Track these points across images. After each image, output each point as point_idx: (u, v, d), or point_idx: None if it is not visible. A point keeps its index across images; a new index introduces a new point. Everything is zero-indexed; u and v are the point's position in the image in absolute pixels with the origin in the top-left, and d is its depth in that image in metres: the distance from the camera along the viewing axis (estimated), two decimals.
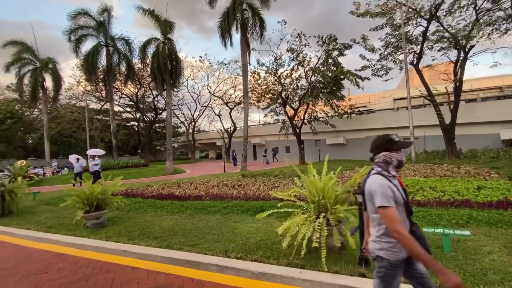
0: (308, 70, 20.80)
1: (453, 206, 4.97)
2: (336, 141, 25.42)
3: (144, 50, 20.41)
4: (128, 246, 4.29)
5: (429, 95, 14.83)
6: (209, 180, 10.19)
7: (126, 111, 38.48)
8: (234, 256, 3.52)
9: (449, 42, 14.56)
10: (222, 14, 18.43)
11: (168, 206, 6.69)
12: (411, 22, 15.47)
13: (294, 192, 3.85)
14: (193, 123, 38.59)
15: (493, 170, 8.40)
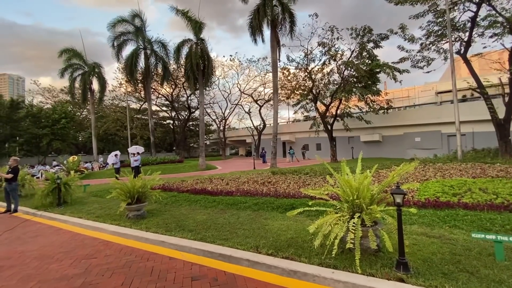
0: (340, 64, 20.06)
1: (507, 210, 4.46)
2: (371, 138, 24.19)
3: (179, 51, 21.32)
4: (166, 237, 4.55)
5: (478, 87, 13.41)
6: (240, 176, 10.38)
7: (163, 110, 40.74)
8: (265, 252, 3.56)
9: (503, 27, 13.00)
10: (252, 11, 18.52)
11: (201, 200, 6.96)
12: (458, 7, 14.08)
13: (326, 190, 3.76)
14: (224, 121, 39.51)
15: None
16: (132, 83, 28.36)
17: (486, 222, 4.05)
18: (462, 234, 3.77)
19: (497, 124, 12.89)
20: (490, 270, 2.76)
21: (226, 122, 40.27)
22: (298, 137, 32.80)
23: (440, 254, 3.20)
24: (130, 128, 31.97)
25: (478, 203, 4.84)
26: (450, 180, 6.86)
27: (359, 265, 2.78)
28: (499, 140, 12.88)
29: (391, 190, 2.99)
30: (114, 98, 37.24)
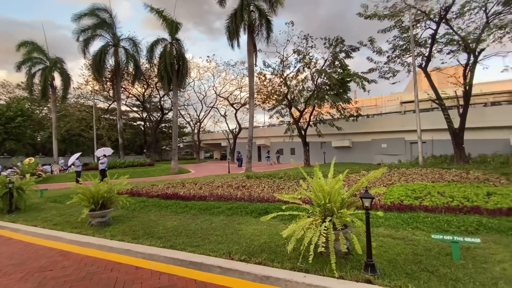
0: (314, 72, 20.73)
1: (462, 213, 4.86)
2: (342, 144, 25.23)
3: (152, 50, 20.62)
4: (132, 245, 4.29)
5: (437, 99, 14.60)
6: (214, 180, 10.19)
7: (133, 110, 38.95)
8: (237, 258, 3.49)
9: (459, 45, 14.33)
10: (229, 15, 18.52)
11: (173, 206, 6.70)
12: (420, 25, 15.27)
13: (300, 194, 3.81)
14: (199, 124, 38.80)
15: (503, 176, 8.19)
16: (100, 81, 26.81)
17: (444, 224, 4.36)
18: (423, 235, 4.02)
19: (453, 133, 14.11)
20: (448, 269, 2.96)
21: (201, 125, 39.58)
22: (273, 142, 33.20)
23: (404, 254, 3.37)
24: (97, 129, 30.09)
25: (437, 205, 5.22)
26: (412, 184, 7.33)
27: (335, 269, 2.82)
28: (455, 147, 14.10)
29: (360, 194, 3.10)
30: (79, 96, 34.87)
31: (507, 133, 15.92)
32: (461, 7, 13.57)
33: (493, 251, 3.40)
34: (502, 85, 24.41)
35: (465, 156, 13.80)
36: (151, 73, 30.43)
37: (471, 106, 14.69)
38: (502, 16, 13.35)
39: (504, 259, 3.18)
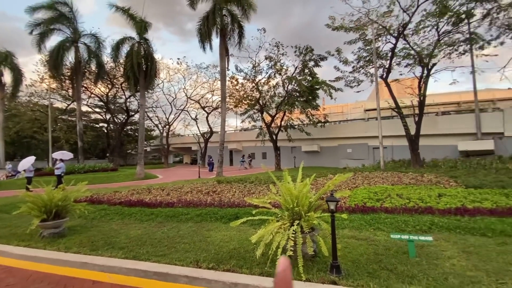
0: (285, 79, 21.26)
1: (417, 213, 5.26)
2: (311, 149, 26.07)
3: (118, 48, 19.58)
4: (90, 258, 3.96)
5: (396, 107, 15.80)
6: (183, 186, 9.87)
7: (95, 111, 36.39)
8: (205, 266, 3.39)
9: (415, 59, 15.71)
10: (201, 17, 18.30)
11: (137, 213, 6.34)
12: (381, 39, 16.50)
13: (269, 199, 3.83)
14: (168, 127, 37.48)
15: (452, 178, 9.07)
16: (58, 79, 24.71)
17: (402, 224, 4.68)
18: (384, 235, 4.27)
19: (410, 139, 15.34)
20: (405, 266, 3.17)
21: (170, 128, 38.27)
22: (245, 146, 33.23)
23: (366, 255, 3.54)
24: (53, 131, 27.60)
25: (396, 207, 5.59)
26: (374, 187, 7.79)
27: (303, 272, 2.86)
28: (411, 152, 15.33)
29: (326, 197, 3.21)
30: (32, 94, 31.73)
31: (455, 140, 17.69)
32: (417, 25, 14.93)
33: (444, 248, 3.72)
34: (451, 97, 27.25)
35: (420, 161, 15.06)
36: (116, 73, 28.81)
37: (425, 115, 16.12)
38: (451, 35, 14.97)
39: (453, 255, 3.49)
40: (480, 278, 2.87)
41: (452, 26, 14.55)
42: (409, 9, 14.40)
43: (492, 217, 4.80)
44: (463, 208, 5.23)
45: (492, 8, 13.43)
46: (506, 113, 16.34)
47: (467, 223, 4.52)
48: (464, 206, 5.36)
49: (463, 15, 13.72)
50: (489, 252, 3.50)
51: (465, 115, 18.58)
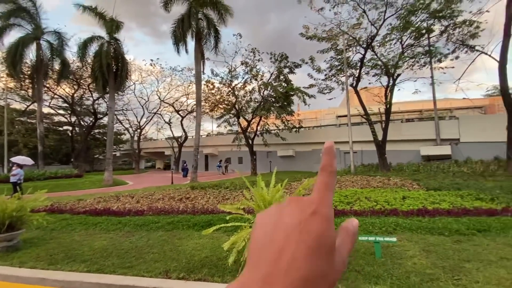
0: (261, 84, 21.50)
1: (383, 215, 5.54)
2: (286, 153, 26.50)
3: (85, 48, 18.52)
4: (48, 273, 3.65)
5: (365, 114, 16.67)
6: (154, 192, 9.49)
7: (59, 113, 33.95)
8: (175, 276, 3.27)
9: (381, 69, 16.76)
10: (176, 20, 17.99)
11: (103, 223, 5.96)
12: (352, 49, 17.41)
13: (242, 204, 3.80)
14: (139, 130, 35.97)
15: (415, 181, 9.71)
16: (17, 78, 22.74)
17: (370, 226, 4.90)
18: None
19: (377, 144, 16.23)
20: (372, 267, 3.31)
21: (141, 132, 36.76)
22: (221, 150, 32.90)
23: None
24: (9, 134, 25.23)
25: (364, 209, 5.85)
26: (345, 191, 8.10)
27: None
28: (379, 157, 16.21)
29: None
30: None
31: (418, 145, 19.02)
32: (383, 37, 15.98)
33: (407, 248, 3.94)
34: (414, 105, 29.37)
35: (387, 165, 15.97)
36: (83, 73, 27.20)
37: (391, 122, 17.18)
38: (413, 48, 16.22)
39: (414, 254, 3.71)
40: (438, 275, 3.08)
41: (414, 40, 15.79)
42: (376, 22, 15.38)
43: (449, 217, 5.20)
44: (424, 209, 5.61)
45: (448, 25, 14.78)
46: (461, 121, 17.94)
47: (427, 224, 4.84)
48: (425, 207, 5.75)
49: (423, 30, 14.95)
50: (446, 250, 3.78)
51: (426, 122, 20.09)
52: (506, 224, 4.61)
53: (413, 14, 14.24)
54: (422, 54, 16.17)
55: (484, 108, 29.86)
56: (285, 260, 0.22)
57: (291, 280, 0.21)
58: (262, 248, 0.24)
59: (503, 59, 11.47)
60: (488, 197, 6.40)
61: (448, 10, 13.92)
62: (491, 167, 13.22)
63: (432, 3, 13.96)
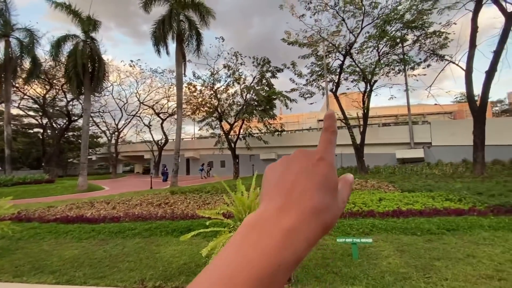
0: (243, 88, 21.54)
1: (361, 216, 5.70)
2: (268, 157, 26.64)
3: (58, 46, 17.64)
4: (12, 286, 3.39)
5: (344, 119, 17.18)
6: (131, 198, 9.16)
7: (29, 115, 31.99)
8: (151, 285, 3.16)
9: (359, 76, 17.39)
10: (157, 21, 17.66)
11: (75, 231, 5.66)
12: (331, 55, 17.93)
13: (222, 209, 3.76)
14: (117, 133, 34.69)
15: (390, 183, 10.11)
16: None
17: (347, 227, 5.02)
18: (331, 239, 4.51)
19: (356, 148, 16.75)
20: (349, 268, 3.38)
21: (119, 135, 35.46)
22: (203, 154, 32.46)
23: (315, 259, 3.70)
24: None
25: (343, 211, 5.98)
26: None
27: None
28: (357, 160, 16.73)
29: None
30: None
31: (393, 149, 19.84)
32: (361, 45, 16.62)
33: (382, 248, 4.08)
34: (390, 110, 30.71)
35: (365, 167, 16.52)
36: (56, 73, 25.88)
37: (369, 126, 17.82)
38: (389, 56, 17.01)
39: (389, 254, 3.84)
40: (410, 274, 3.21)
41: (389, 48, 16.57)
42: (354, 30, 15.97)
43: (421, 217, 5.45)
44: (398, 210, 5.84)
45: (420, 35, 15.66)
46: (433, 126, 18.96)
47: (401, 224, 5.04)
48: (399, 208, 5.99)
49: (398, 39, 15.73)
50: (418, 250, 3.95)
51: (401, 126, 21.03)
52: (472, 223, 4.91)
53: (388, 24, 14.95)
54: (396, 62, 16.99)
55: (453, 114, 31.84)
56: (297, 192, 0.26)
57: (303, 208, 0.25)
58: (275, 186, 0.27)
59: (469, 68, 12.30)
60: (457, 198, 6.78)
61: (420, 21, 14.76)
62: (460, 169, 14.08)
63: (406, 14, 14.75)
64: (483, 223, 4.84)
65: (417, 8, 14.51)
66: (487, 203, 6.13)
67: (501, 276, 3.03)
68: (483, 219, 5.06)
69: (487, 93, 11.84)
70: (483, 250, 3.79)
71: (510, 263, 3.33)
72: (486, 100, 12.12)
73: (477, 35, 11.99)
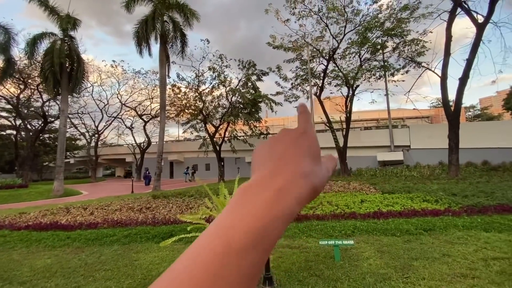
0: (229, 90, 21.48)
1: (343, 218, 5.79)
2: None
3: (34, 44, 16.83)
4: None
5: (328, 122, 17.52)
6: (111, 203, 8.81)
7: (1, 116, 30.18)
8: None
9: (342, 80, 17.83)
10: (140, 20, 17.29)
11: (48, 239, 5.35)
12: (316, 60, 18.30)
13: (204, 214, 3.68)
14: (97, 135, 33.45)
15: (372, 185, 10.38)
16: None
17: (330, 230, 5.08)
18: (314, 242, 4.54)
19: (339, 150, 17.11)
20: (331, 270, 3.40)
21: (100, 137, 34.21)
22: (187, 157, 31.94)
23: (298, 263, 3.70)
24: None
25: (325, 214, 6.06)
26: None
27: None
28: (340, 163, 17.08)
29: None
30: None
31: (375, 151, 20.44)
32: (344, 51, 17.08)
33: (363, 250, 4.14)
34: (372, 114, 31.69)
35: (348, 170, 16.88)
36: (32, 72, 24.64)
37: (351, 130, 18.26)
38: (370, 62, 17.57)
39: (370, 255, 3.91)
40: (390, 274, 3.27)
41: (370, 54, 17.13)
42: (337, 36, 16.39)
43: (400, 218, 5.61)
44: (379, 212, 5.99)
45: (399, 42, 16.31)
46: (412, 130, 19.73)
47: (382, 225, 5.17)
48: (380, 210, 6.15)
49: (378, 46, 16.30)
50: (398, 250, 4.05)
51: (382, 130, 21.73)
52: (447, 223, 5.11)
53: (370, 31, 15.47)
54: (377, 68, 17.60)
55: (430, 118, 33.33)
56: (287, 158, 0.29)
57: (292, 171, 0.27)
58: (265, 157, 0.30)
59: (444, 74, 12.94)
60: (433, 199, 7.06)
61: (399, 29, 15.39)
62: (436, 171, 14.71)
63: (386, 22, 15.34)
64: (457, 223, 5.05)
65: (396, 16, 15.13)
66: (461, 203, 6.42)
67: (474, 274, 3.16)
68: (457, 219, 5.28)
69: (461, 99, 12.49)
70: (458, 249, 3.94)
71: (482, 262, 3.49)
72: (460, 106, 12.77)
73: (451, 43, 12.66)
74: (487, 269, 3.28)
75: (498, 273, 3.15)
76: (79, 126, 33.21)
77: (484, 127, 18.16)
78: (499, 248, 3.90)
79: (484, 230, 4.72)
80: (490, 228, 4.79)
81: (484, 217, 5.37)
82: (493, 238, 4.33)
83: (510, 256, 3.59)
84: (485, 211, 5.72)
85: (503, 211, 5.68)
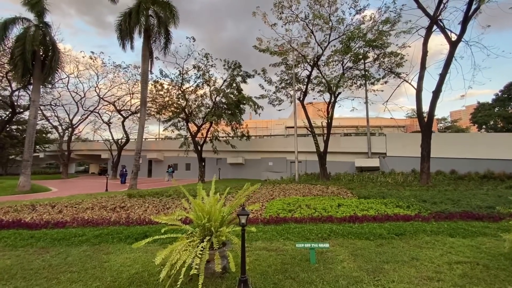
0: (213, 90, 21.27)
1: (321, 222, 5.89)
2: (235, 161, 26.51)
3: (4, 29, 15.72)
4: None
5: (310, 127, 17.84)
6: (82, 201, 8.37)
7: None
8: None
9: (325, 87, 18.25)
10: (123, 13, 16.71)
11: (10, 237, 4.97)
12: (300, 65, 18.60)
13: (180, 215, 3.59)
14: (71, 129, 31.78)
15: (349, 190, 10.66)
16: None
17: (307, 233, 5.14)
18: (291, 244, 4.58)
19: (319, 155, 17.46)
20: (306, 273, 3.44)
21: (74, 131, 32.51)
22: (167, 156, 31.19)
23: (274, 265, 3.70)
24: None
25: (304, 217, 6.13)
26: (288, 199, 8.41)
27: None
28: (320, 167, 17.43)
29: (237, 211, 3.22)
30: None
31: (353, 157, 21.07)
32: (327, 58, 17.50)
33: (338, 253, 4.23)
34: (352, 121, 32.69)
35: (327, 174, 17.26)
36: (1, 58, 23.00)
37: (332, 135, 18.70)
38: (352, 70, 18.14)
39: (344, 258, 4.00)
40: (362, 277, 3.36)
41: (353, 63, 17.69)
42: (322, 44, 16.77)
43: (374, 223, 5.80)
44: (354, 216, 6.16)
45: (380, 53, 16.99)
46: (388, 138, 20.57)
47: (357, 229, 5.31)
48: (356, 214, 6.33)
49: (360, 56, 16.87)
50: (370, 254, 4.17)
51: (360, 137, 22.46)
52: (417, 228, 5.35)
53: (352, 41, 15.98)
54: (358, 77, 18.21)
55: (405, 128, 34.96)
56: None
57: None
58: None
59: (419, 87, 13.63)
60: (405, 205, 7.38)
61: (380, 41, 16.03)
62: (409, 178, 15.41)
63: (368, 33, 15.92)
64: (426, 228, 5.30)
65: (378, 28, 15.76)
66: (430, 210, 6.76)
67: (439, 277, 3.33)
68: (426, 225, 5.56)
69: (433, 111, 13.21)
70: (425, 253, 4.13)
71: (447, 265, 3.68)
72: (433, 117, 13.50)
73: (427, 58, 13.37)
74: (451, 272, 3.47)
75: (460, 277, 3.34)
76: (51, 118, 31.40)
77: (453, 139, 19.32)
78: (462, 253, 4.14)
79: (450, 236, 5.00)
80: (455, 233, 5.08)
81: (450, 223, 5.69)
82: (458, 243, 4.59)
83: (472, 260, 3.82)
84: (451, 217, 6.06)
85: (467, 217, 6.05)
